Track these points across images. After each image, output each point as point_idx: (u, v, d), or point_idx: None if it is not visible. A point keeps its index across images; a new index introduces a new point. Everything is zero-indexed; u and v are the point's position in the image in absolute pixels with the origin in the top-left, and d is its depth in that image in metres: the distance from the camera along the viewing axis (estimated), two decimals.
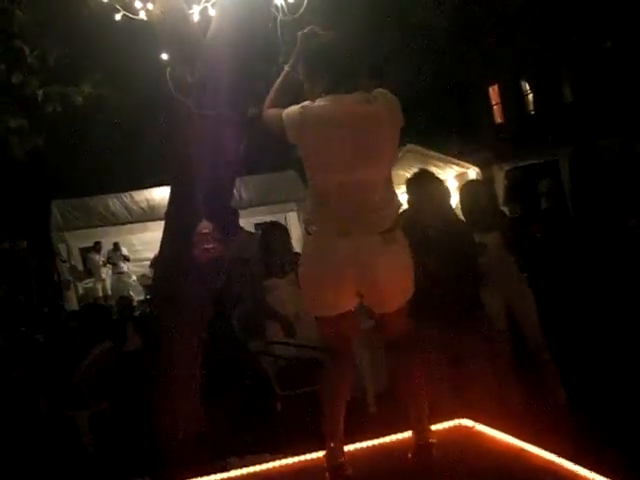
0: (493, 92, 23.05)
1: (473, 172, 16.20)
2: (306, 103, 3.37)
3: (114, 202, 16.54)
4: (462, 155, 16.76)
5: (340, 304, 3.37)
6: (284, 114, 3.36)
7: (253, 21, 4.54)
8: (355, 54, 3.52)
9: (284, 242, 6.48)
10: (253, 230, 8.12)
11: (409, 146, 14.82)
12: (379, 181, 3.34)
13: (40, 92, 6.40)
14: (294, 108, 3.36)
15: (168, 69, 4.32)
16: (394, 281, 3.32)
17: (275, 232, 6.49)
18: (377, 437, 3.88)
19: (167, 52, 4.45)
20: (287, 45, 4.29)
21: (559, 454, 3.22)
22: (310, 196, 3.41)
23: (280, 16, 4.45)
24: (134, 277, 16.77)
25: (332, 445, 3.44)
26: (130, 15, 4.45)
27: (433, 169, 14.60)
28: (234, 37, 4.51)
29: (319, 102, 3.35)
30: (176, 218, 4.78)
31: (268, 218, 11.38)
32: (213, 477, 3.79)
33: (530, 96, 21.77)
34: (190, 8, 4.62)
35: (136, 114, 13.18)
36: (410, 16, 14.98)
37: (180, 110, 4.58)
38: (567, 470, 3.15)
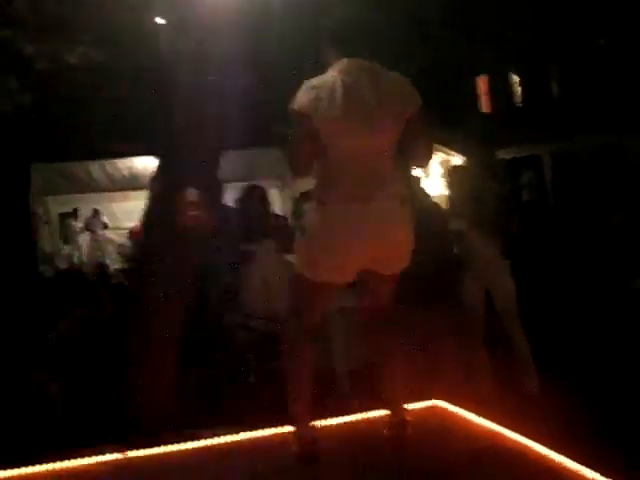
0: (482, 82, 23.05)
1: (458, 160, 16.25)
2: (310, 80, 3.36)
3: (95, 168, 16.39)
4: (447, 142, 16.75)
5: (348, 271, 3.38)
6: (295, 106, 3.29)
7: None
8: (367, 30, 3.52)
9: (263, 204, 6.44)
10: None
11: None
12: (384, 152, 3.36)
13: (30, 48, 6.28)
14: (299, 94, 3.32)
15: (162, 34, 4.28)
16: (402, 244, 3.38)
17: (253, 194, 6.45)
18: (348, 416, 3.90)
19: (162, 16, 4.41)
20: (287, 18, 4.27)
21: (528, 437, 3.27)
22: (321, 169, 3.38)
23: None
24: (111, 245, 16.66)
25: (300, 420, 3.45)
26: None
27: None
28: (232, 5, 4.46)
29: (327, 73, 3.38)
30: (162, 187, 4.75)
31: None
32: (183, 445, 3.80)
33: (519, 89, 21.81)
34: None
35: (125, 80, 13.03)
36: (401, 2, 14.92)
37: (171, 78, 4.54)
38: (536, 453, 3.20)
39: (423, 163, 3.60)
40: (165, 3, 4.42)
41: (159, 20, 4.41)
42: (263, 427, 3.89)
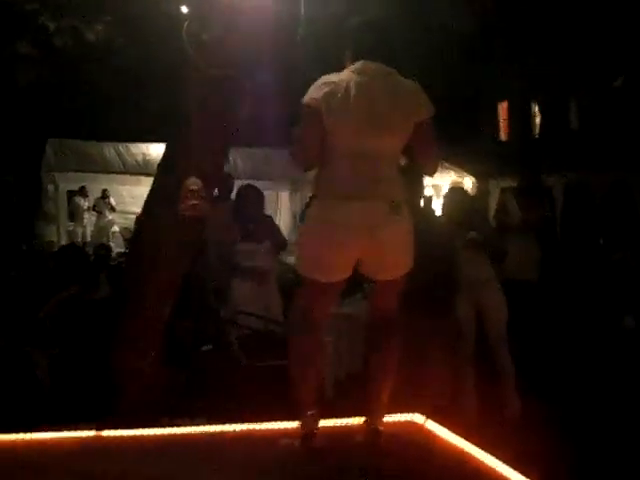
0: (502, 109, 23.05)
1: (469, 182, 16.26)
2: (325, 76, 3.40)
3: (110, 150, 16.47)
4: (461, 164, 16.78)
5: (338, 269, 3.41)
6: (307, 99, 3.35)
7: None
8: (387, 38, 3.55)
9: (258, 206, 6.47)
10: None
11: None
12: (389, 155, 3.40)
13: (52, 24, 6.33)
14: (312, 89, 3.38)
15: (185, 23, 4.30)
16: (396, 249, 3.39)
17: (249, 195, 6.48)
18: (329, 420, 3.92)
19: (186, 5, 4.44)
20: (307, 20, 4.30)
21: (503, 461, 3.27)
22: (323, 164, 3.42)
23: None
24: (117, 228, 16.70)
25: (308, 413, 3.48)
26: None
27: None
28: (257, 4, 4.49)
29: (343, 72, 3.43)
30: (167, 173, 4.78)
31: None
32: (164, 430, 3.82)
33: (538, 119, 21.80)
34: None
35: (144, 65, 13.07)
36: (431, 20, 14.99)
37: (189, 66, 4.57)
38: (501, 476, 3.20)
39: (428, 171, 3.65)
40: None
41: (184, 9, 4.44)
42: (243, 421, 3.90)
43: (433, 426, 3.82)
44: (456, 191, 6.84)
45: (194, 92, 4.55)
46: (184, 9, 4.47)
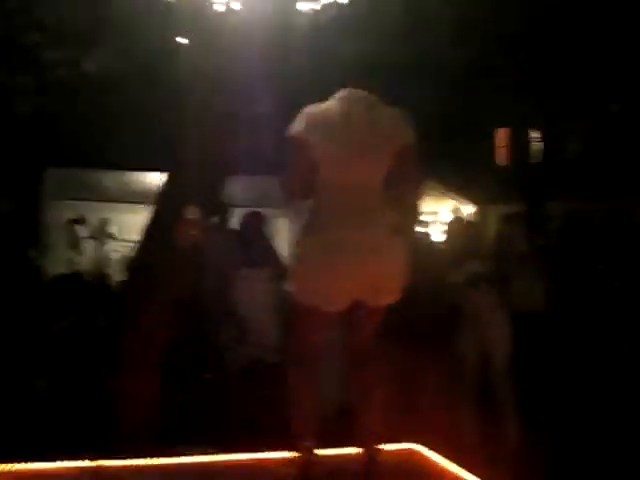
0: (502, 134, 23.08)
1: (469, 209, 16.25)
2: (309, 107, 3.41)
3: (109, 179, 16.49)
4: (460, 190, 16.77)
5: (339, 299, 3.37)
6: (292, 132, 3.35)
7: (279, 26, 4.57)
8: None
9: (263, 231, 6.47)
10: None
11: None
12: (377, 184, 3.39)
13: (52, 55, 6.39)
14: (297, 121, 3.37)
15: (182, 51, 4.34)
16: (392, 274, 3.37)
17: (254, 221, 6.48)
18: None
19: (186, 37, 4.47)
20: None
21: None
22: (314, 197, 3.41)
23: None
24: (116, 256, 16.63)
25: (305, 444, 3.44)
26: None
27: (427, 199, 14.67)
28: (254, 37, 4.53)
29: (327, 102, 3.43)
30: (166, 202, 4.80)
31: None
32: (162, 460, 3.79)
33: (538, 145, 21.83)
34: None
35: (144, 95, 13.14)
36: (430, 48, 15.04)
37: (189, 96, 4.60)
38: None
39: (410, 200, 3.62)
40: (189, 24, 4.48)
41: (180, 39, 4.48)
42: (241, 450, 3.87)
43: (431, 454, 3.78)
44: (458, 221, 6.82)
45: (193, 121, 4.57)
46: (180, 39, 4.49)
